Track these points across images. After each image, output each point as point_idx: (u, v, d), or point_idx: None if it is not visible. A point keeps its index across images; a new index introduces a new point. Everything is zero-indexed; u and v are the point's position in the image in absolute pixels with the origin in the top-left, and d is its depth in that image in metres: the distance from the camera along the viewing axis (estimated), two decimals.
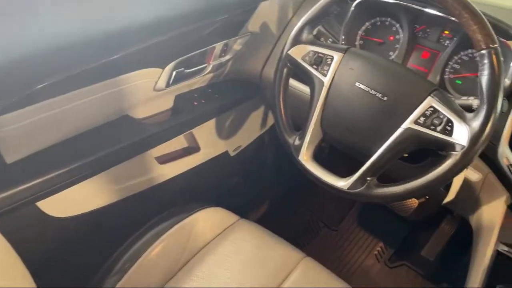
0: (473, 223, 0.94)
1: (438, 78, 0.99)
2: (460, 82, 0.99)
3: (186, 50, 1.05)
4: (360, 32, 1.10)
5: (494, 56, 0.68)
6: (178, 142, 1.19)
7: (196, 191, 1.32)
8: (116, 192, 1.06)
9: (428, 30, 1.03)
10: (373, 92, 0.79)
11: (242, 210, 1.61)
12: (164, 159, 1.16)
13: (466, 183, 0.87)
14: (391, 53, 1.07)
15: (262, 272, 0.94)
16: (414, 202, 1.60)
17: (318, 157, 0.89)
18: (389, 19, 1.07)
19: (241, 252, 0.98)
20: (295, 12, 1.20)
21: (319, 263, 1.00)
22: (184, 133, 1.16)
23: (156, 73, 1.01)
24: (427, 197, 1.61)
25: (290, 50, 0.88)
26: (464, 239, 1.11)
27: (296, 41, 0.88)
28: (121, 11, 0.89)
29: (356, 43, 1.11)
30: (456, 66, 0.99)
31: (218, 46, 1.13)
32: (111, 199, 1.05)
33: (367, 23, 1.10)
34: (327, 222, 1.74)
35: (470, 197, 0.91)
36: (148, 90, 1.04)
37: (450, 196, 0.83)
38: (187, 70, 1.08)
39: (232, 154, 1.39)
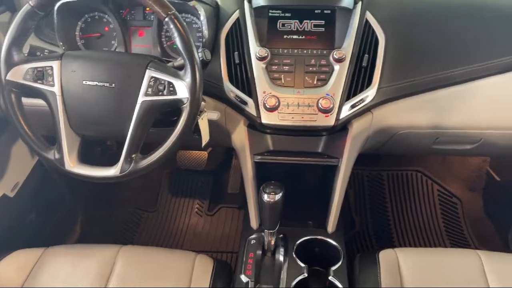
0: (235, 148, 1.16)
1: (159, 48, 1.13)
2: (176, 46, 1.15)
3: None
4: (77, 33, 1.15)
5: (175, 20, 0.84)
6: None
7: None
8: None
9: (132, 12, 1.15)
10: (100, 84, 0.87)
11: (56, 239, 1.55)
12: None
13: (213, 123, 1.05)
14: (113, 42, 1.15)
15: (88, 281, 0.97)
16: (204, 155, 1.82)
17: (95, 156, 0.94)
18: (96, 13, 1.14)
19: (59, 277, 0.98)
20: (5, 35, 1.16)
21: (137, 245, 1.08)
22: None
23: None
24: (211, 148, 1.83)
25: (8, 76, 0.88)
26: None
27: (9, 65, 0.88)
28: None
29: (78, 43, 1.15)
30: (168, 33, 1.14)
31: None
32: None
33: (79, 23, 1.15)
34: (143, 208, 1.82)
35: (222, 131, 1.12)
36: None
37: (205, 138, 1.00)
38: None
39: (11, 194, 1.30)
